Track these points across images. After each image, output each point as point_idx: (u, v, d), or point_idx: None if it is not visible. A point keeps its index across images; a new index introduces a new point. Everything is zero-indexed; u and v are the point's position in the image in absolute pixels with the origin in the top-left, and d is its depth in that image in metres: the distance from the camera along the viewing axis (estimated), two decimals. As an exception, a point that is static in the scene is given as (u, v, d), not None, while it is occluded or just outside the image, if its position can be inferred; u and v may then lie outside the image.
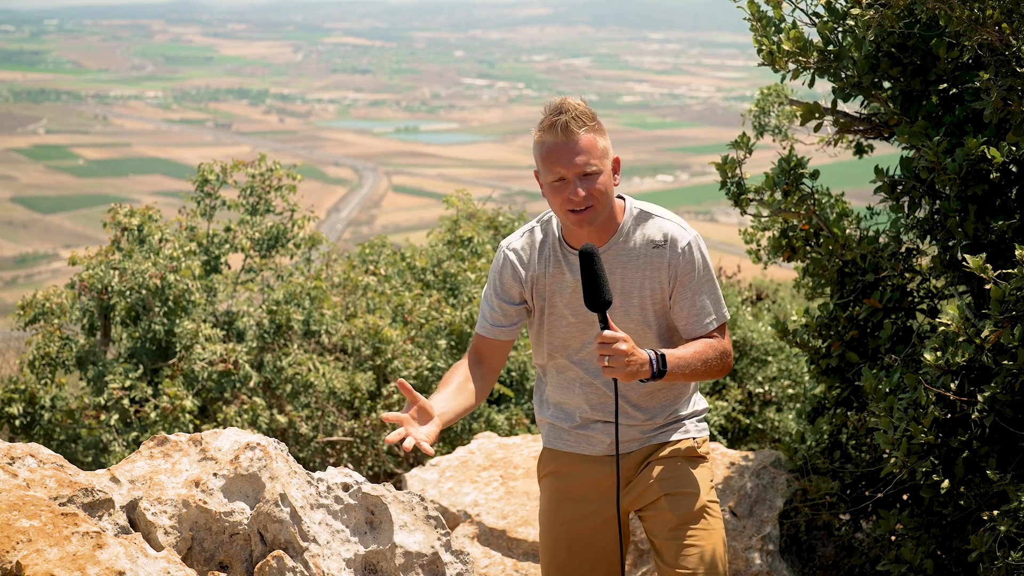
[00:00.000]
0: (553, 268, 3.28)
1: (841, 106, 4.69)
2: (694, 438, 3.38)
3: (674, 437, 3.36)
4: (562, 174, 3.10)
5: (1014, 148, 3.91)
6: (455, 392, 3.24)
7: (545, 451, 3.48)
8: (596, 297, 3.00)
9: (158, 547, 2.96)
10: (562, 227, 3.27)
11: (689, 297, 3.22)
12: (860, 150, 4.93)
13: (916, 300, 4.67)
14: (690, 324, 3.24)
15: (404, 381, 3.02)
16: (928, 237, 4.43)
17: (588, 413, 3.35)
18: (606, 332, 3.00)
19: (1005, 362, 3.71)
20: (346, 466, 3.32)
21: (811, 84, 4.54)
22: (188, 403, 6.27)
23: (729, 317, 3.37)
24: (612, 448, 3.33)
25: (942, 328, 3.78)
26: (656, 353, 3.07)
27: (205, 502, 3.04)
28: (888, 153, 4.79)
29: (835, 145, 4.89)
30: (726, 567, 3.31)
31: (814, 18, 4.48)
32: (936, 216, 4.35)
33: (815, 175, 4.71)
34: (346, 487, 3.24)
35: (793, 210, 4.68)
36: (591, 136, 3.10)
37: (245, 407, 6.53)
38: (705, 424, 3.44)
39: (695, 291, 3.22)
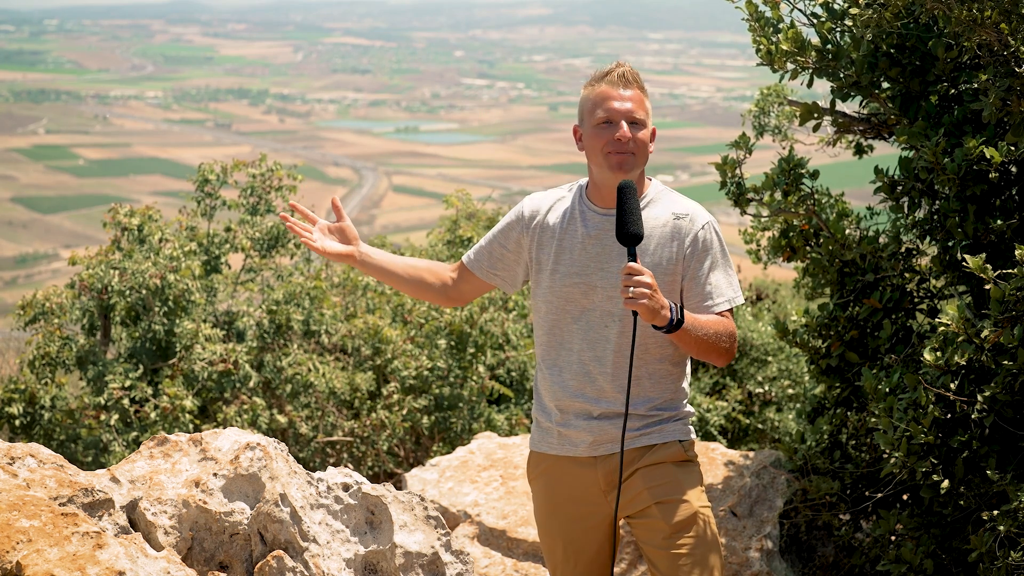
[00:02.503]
0: (568, 223, 3.33)
1: (840, 106, 4.70)
2: (681, 441, 3.32)
3: (659, 440, 3.30)
4: (611, 115, 3.22)
5: (1013, 148, 3.91)
6: (405, 262, 3.46)
7: (531, 454, 3.46)
8: (624, 230, 3.07)
9: (158, 547, 2.96)
10: (588, 185, 3.35)
11: (704, 274, 3.25)
12: (860, 150, 4.93)
13: (916, 300, 4.67)
14: (702, 302, 3.25)
15: (336, 200, 3.29)
16: (928, 237, 4.43)
17: (571, 399, 3.30)
18: (632, 263, 3.04)
19: (1005, 362, 3.71)
20: (346, 466, 3.32)
21: (810, 84, 4.55)
22: (188, 403, 6.27)
23: (743, 301, 3.39)
24: (593, 448, 3.30)
25: (942, 328, 3.78)
26: (676, 305, 3.12)
27: (205, 502, 3.04)
28: (888, 153, 4.79)
29: (835, 145, 4.89)
30: (722, 573, 3.29)
31: (812, 18, 4.48)
32: (936, 216, 4.35)
33: (815, 175, 4.71)
34: (346, 487, 3.24)
35: (793, 210, 4.68)
36: (640, 94, 3.26)
37: (245, 407, 6.53)
38: (691, 428, 3.39)
39: (710, 269, 3.25)
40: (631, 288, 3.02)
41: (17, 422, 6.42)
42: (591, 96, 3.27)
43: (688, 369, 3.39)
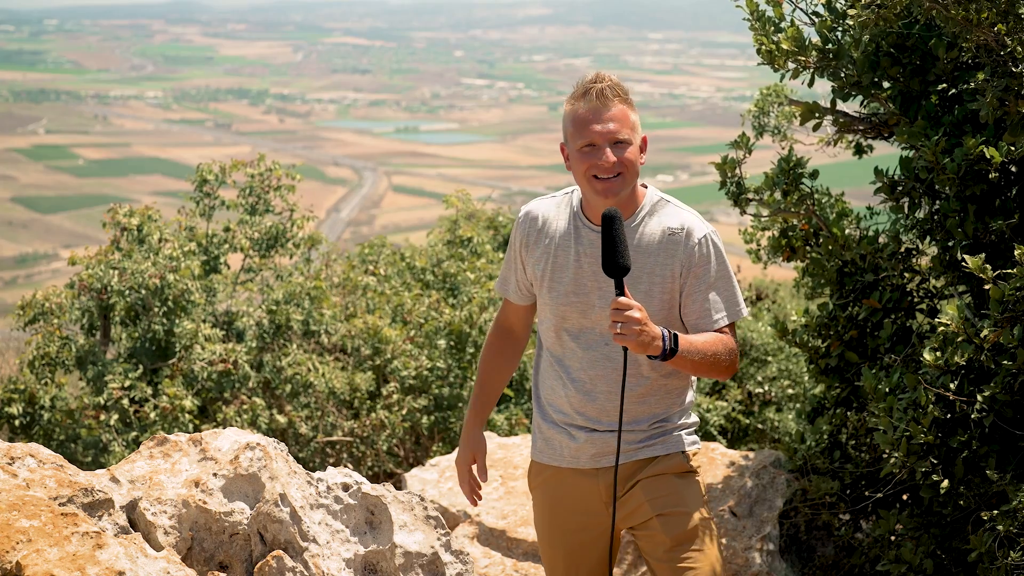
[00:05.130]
0: (562, 238, 3.24)
1: (841, 106, 4.69)
2: (683, 452, 3.27)
3: (662, 451, 3.25)
4: (593, 139, 3.09)
5: (1012, 148, 3.91)
6: (495, 386, 3.49)
7: (533, 464, 3.42)
8: (613, 262, 2.96)
9: (158, 547, 2.96)
10: (582, 200, 3.24)
11: (703, 291, 3.15)
12: (860, 150, 4.92)
13: (916, 300, 4.68)
14: (701, 319, 3.15)
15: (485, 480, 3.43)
16: (927, 237, 4.42)
17: (572, 414, 3.26)
18: (620, 298, 2.94)
19: (1005, 362, 3.71)
20: (346, 466, 3.32)
21: (810, 84, 4.54)
22: (188, 403, 6.27)
23: (745, 315, 3.31)
24: (596, 460, 3.26)
25: (942, 328, 3.78)
26: (669, 331, 3.00)
27: (205, 502, 3.04)
28: (888, 153, 4.79)
29: (835, 145, 4.89)
30: None
31: (813, 17, 4.48)
32: (935, 216, 4.35)
33: (815, 175, 4.71)
34: (346, 487, 3.24)
35: (793, 210, 4.68)
36: (624, 108, 3.12)
37: (245, 407, 6.53)
38: (695, 437, 3.33)
39: (710, 285, 3.15)
40: (619, 324, 2.93)
41: (17, 422, 6.42)
42: (572, 117, 3.14)
43: (693, 378, 3.32)
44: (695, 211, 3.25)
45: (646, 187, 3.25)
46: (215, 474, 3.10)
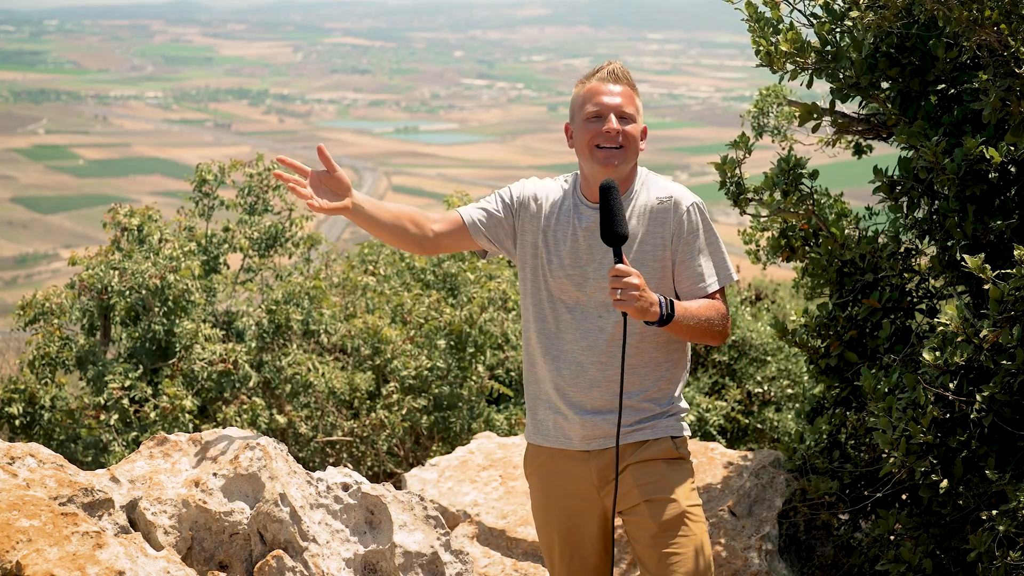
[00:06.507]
0: (561, 214, 3.34)
1: (840, 106, 4.70)
2: (673, 438, 3.31)
3: (651, 436, 3.29)
4: (600, 109, 3.23)
5: (1012, 148, 3.92)
6: (391, 213, 3.30)
7: (528, 448, 3.46)
8: (611, 231, 3.08)
9: (158, 547, 2.96)
10: (580, 181, 3.36)
11: (693, 256, 3.27)
12: (859, 150, 4.93)
13: (915, 300, 4.68)
14: (694, 284, 3.27)
15: (323, 148, 3.13)
16: (927, 237, 4.43)
17: (564, 389, 3.30)
18: (619, 265, 3.05)
19: (1004, 362, 3.71)
20: (346, 466, 3.33)
21: (809, 85, 4.55)
22: (188, 403, 6.27)
23: (736, 279, 3.40)
24: (586, 443, 3.30)
25: (941, 328, 3.78)
26: (665, 298, 3.13)
27: (205, 502, 3.04)
28: (887, 153, 4.79)
29: (834, 145, 4.90)
30: (711, 572, 3.27)
31: (812, 19, 4.49)
32: (935, 216, 4.35)
33: (814, 175, 4.71)
34: (346, 487, 3.24)
35: (792, 210, 4.68)
36: (630, 90, 3.29)
37: (245, 407, 6.53)
38: (684, 424, 3.37)
39: (700, 250, 3.27)
40: (619, 290, 3.04)
41: (17, 422, 6.42)
42: (581, 92, 3.29)
43: (687, 358, 3.39)
44: (682, 185, 3.39)
45: (639, 169, 3.39)
46: (215, 474, 3.10)
